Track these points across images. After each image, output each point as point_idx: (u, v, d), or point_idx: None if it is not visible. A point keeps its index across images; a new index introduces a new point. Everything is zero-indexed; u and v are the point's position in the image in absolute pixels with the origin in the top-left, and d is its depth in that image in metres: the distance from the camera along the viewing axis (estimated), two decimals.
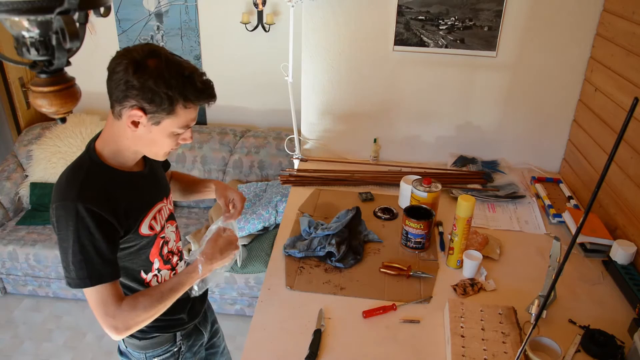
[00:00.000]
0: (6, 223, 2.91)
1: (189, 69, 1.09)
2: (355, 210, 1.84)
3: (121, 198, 1.15)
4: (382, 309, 1.50)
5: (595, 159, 2.04)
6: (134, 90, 1.04)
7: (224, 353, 1.72)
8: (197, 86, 1.08)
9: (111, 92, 1.08)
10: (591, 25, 2.08)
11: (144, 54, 1.05)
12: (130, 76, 1.03)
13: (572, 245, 0.95)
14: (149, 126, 1.10)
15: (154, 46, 1.08)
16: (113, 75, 1.06)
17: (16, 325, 2.74)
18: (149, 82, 1.03)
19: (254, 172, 3.01)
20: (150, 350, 1.36)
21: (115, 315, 1.12)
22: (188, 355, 1.45)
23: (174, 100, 1.06)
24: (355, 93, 2.33)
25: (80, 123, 3.10)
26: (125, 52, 1.06)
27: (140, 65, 1.04)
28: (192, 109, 1.12)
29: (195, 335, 1.47)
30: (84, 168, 1.13)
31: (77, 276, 1.10)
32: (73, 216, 1.07)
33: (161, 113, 1.08)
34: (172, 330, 1.38)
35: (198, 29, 3.02)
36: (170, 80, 1.05)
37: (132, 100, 1.05)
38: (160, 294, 1.19)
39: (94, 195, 1.09)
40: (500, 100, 2.28)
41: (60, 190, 1.10)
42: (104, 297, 1.12)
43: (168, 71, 1.05)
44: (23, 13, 0.71)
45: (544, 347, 1.34)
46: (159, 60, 1.05)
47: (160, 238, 1.29)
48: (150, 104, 1.06)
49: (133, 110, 1.06)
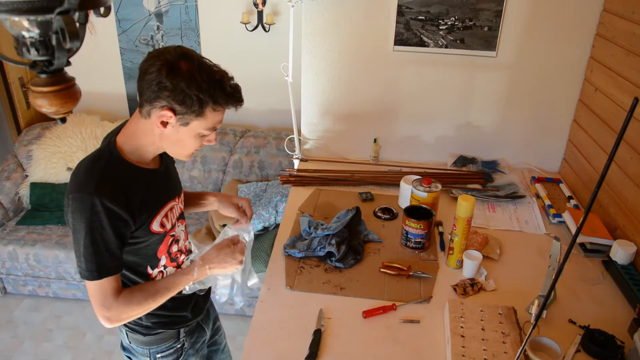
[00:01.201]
0: (6, 223, 2.91)
1: (220, 73, 1.13)
2: (355, 210, 1.84)
3: (137, 193, 1.17)
4: (382, 309, 1.50)
5: (595, 159, 2.04)
6: (166, 91, 1.07)
7: (225, 350, 1.73)
8: (227, 90, 1.12)
9: (142, 91, 1.10)
10: (591, 25, 2.08)
11: (177, 56, 1.08)
12: (163, 77, 1.06)
13: (572, 245, 0.95)
14: (177, 127, 1.13)
15: (186, 49, 1.12)
16: (145, 75, 1.08)
17: (16, 325, 2.74)
18: (182, 84, 1.06)
19: (254, 172, 3.01)
20: (154, 346, 1.38)
21: (110, 308, 1.17)
22: (191, 352, 1.46)
23: (204, 102, 1.10)
24: (355, 93, 2.33)
25: (80, 123, 3.10)
26: (158, 53, 1.09)
27: (174, 67, 1.07)
28: (220, 111, 1.15)
29: (198, 332, 1.49)
30: (103, 161, 1.15)
31: (86, 268, 1.13)
32: (89, 209, 1.09)
33: (190, 115, 1.11)
34: (176, 327, 1.40)
35: (198, 29, 3.02)
36: (202, 84, 1.08)
37: (162, 101, 1.08)
38: (155, 291, 1.23)
39: (110, 190, 1.11)
40: (500, 100, 2.28)
41: (79, 182, 1.12)
42: (104, 289, 1.16)
43: (200, 74, 1.08)
44: (23, 13, 0.71)
45: (544, 347, 1.34)
46: (192, 63, 1.08)
47: (170, 236, 1.31)
48: (181, 105, 1.09)
49: (163, 111, 1.09)
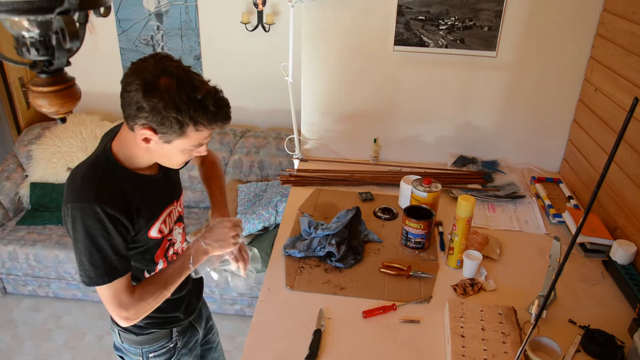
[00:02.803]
0: (6, 223, 2.91)
1: (202, 90, 1.06)
2: (355, 210, 1.84)
3: (135, 200, 1.15)
4: (382, 309, 1.50)
5: (595, 159, 2.04)
6: (144, 112, 1.03)
7: (218, 349, 1.73)
8: (209, 110, 1.06)
9: (123, 107, 1.08)
10: (591, 25, 2.08)
11: (157, 73, 1.03)
12: (140, 98, 1.02)
13: (572, 245, 0.95)
14: (160, 144, 1.10)
15: (167, 62, 1.05)
16: (124, 93, 1.05)
17: (16, 325, 2.74)
18: (159, 105, 1.02)
19: (254, 172, 3.01)
20: (147, 346, 1.38)
21: (128, 307, 1.16)
22: (184, 352, 1.46)
23: (184, 124, 1.06)
24: (355, 93, 2.33)
25: (80, 123, 3.10)
26: (137, 69, 1.05)
27: (151, 86, 1.02)
28: (204, 131, 1.10)
29: (190, 331, 1.48)
30: (101, 168, 1.14)
31: (95, 274, 1.12)
32: (90, 218, 1.08)
33: (172, 134, 1.07)
34: (169, 327, 1.39)
35: (198, 29, 3.02)
36: (181, 105, 1.03)
37: (142, 120, 1.05)
38: (164, 280, 1.22)
39: (110, 197, 1.10)
40: (500, 100, 2.28)
41: (76, 190, 1.10)
42: (117, 291, 1.15)
43: (179, 94, 1.03)
44: (23, 13, 0.71)
45: (544, 347, 1.34)
46: (171, 81, 1.03)
47: (167, 240, 1.30)
48: (160, 126, 1.05)
49: (144, 129, 1.06)
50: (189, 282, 1.46)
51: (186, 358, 1.48)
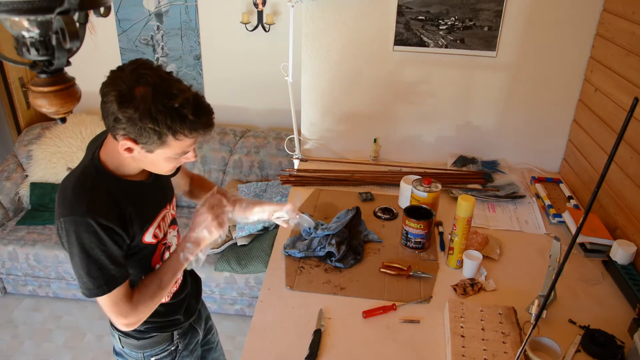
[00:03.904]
0: (6, 223, 2.91)
1: (180, 98, 1.01)
2: (355, 210, 1.84)
3: (127, 207, 1.14)
4: (382, 309, 1.50)
5: (595, 159, 2.04)
6: (121, 124, 1.01)
7: (218, 349, 1.73)
8: (188, 118, 1.02)
9: (103, 118, 1.05)
10: (591, 25, 2.08)
11: (132, 83, 0.99)
12: (116, 109, 0.99)
13: (572, 245, 0.95)
14: (144, 153, 1.08)
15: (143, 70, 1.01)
16: (102, 104, 1.03)
17: (16, 325, 2.74)
18: (134, 116, 0.99)
19: (254, 172, 3.01)
20: (148, 350, 1.37)
21: (128, 314, 1.16)
22: (185, 354, 1.46)
23: (162, 134, 1.02)
24: (355, 93, 2.33)
25: (80, 123, 3.10)
26: (113, 80, 1.02)
27: (126, 97, 0.99)
28: (184, 139, 1.06)
29: (191, 333, 1.48)
30: (90, 179, 1.12)
31: (94, 286, 1.11)
32: (84, 231, 1.06)
33: (152, 144, 1.05)
34: (169, 330, 1.39)
35: (198, 29, 3.02)
36: (157, 115, 0.99)
37: (121, 131, 1.03)
38: (159, 280, 1.22)
39: (102, 208, 1.08)
40: (500, 100, 2.28)
41: (68, 204, 1.08)
42: (116, 299, 1.14)
43: (155, 103, 0.99)
44: (23, 13, 0.71)
45: (544, 347, 1.34)
46: (146, 90, 0.99)
47: (163, 244, 1.30)
48: (139, 137, 1.03)
49: (125, 140, 1.04)
50: (187, 285, 1.46)
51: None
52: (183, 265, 1.25)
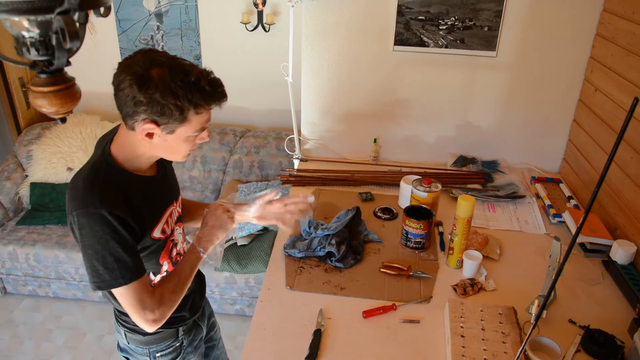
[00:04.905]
0: (6, 223, 2.91)
1: (194, 72, 1.06)
2: (355, 210, 1.84)
3: (138, 201, 1.15)
4: (382, 309, 1.50)
5: (595, 159, 2.04)
6: (142, 106, 1.03)
7: (220, 346, 1.73)
8: (205, 90, 1.07)
9: (120, 107, 1.07)
10: (591, 25, 2.08)
11: (146, 66, 1.03)
12: (136, 92, 1.02)
13: (572, 245, 0.95)
14: (164, 135, 1.10)
15: (154, 54, 1.06)
16: (119, 92, 1.05)
17: (16, 325, 2.74)
18: (156, 95, 1.02)
19: (254, 172, 3.01)
20: (154, 346, 1.38)
21: (153, 308, 1.16)
22: (189, 350, 1.47)
23: (184, 109, 1.06)
24: (355, 93, 2.33)
25: (80, 123, 3.10)
26: (126, 66, 1.04)
27: (144, 78, 1.02)
28: (204, 113, 1.11)
29: (195, 330, 1.49)
30: (102, 172, 1.13)
31: (111, 277, 1.11)
32: (98, 222, 1.07)
33: (174, 123, 1.07)
34: (175, 326, 1.40)
35: (198, 29, 3.02)
36: (177, 90, 1.03)
37: (142, 115, 1.05)
38: (179, 276, 1.24)
39: (115, 200, 1.10)
40: (500, 100, 2.28)
41: (80, 197, 1.09)
42: (139, 292, 1.14)
43: (173, 80, 1.03)
44: (23, 13, 0.71)
45: (544, 347, 1.34)
46: (162, 70, 1.03)
47: (170, 241, 1.31)
48: (161, 117, 1.05)
49: (146, 124, 1.06)
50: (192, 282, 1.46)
51: (191, 357, 1.48)
52: (201, 258, 1.28)
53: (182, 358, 1.44)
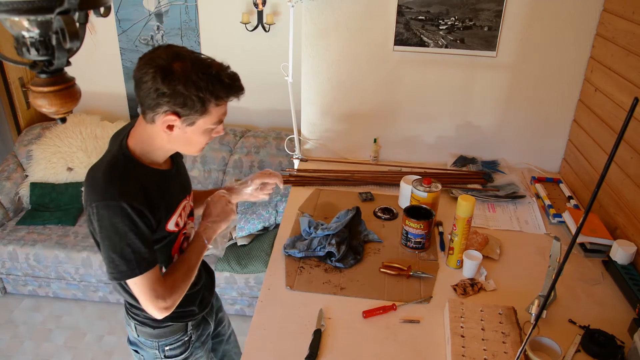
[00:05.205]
0: (6, 223, 2.91)
1: (215, 66, 1.11)
2: (355, 210, 1.84)
3: (154, 194, 1.19)
4: (382, 309, 1.50)
5: (595, 159, 2.04)
6: (165, 97, 1.06)
7: (230, 340, 1.74)
8: (225, 82, 1.11)
9: (141, 100, 1.10)
10: (591, 25, 2.08)
11: (169, 59, 1.07)
12: (159, 84, 1.05)
13: (572, 245, 0.95)
14: (184, 127, 1.13)
15: (176, 48, 1.10)
16: (141, 84, 1.08)
17: (16, 325, 2.74)
18: (179, 87, 1.06)
19: (254, 172, 3.00)
20: (163, 339, 1.40)
21: (165, 296, 1.20)
22: (197, 345, 1.48)
23: (206, 100, 1.09)
24: (355, 93, 2.33)
25: (80, 123, 3.10)
26: (149, 59, 1.08)
27: (167, 71, 1.05)
28: (223, 105, 1.15)
29: (203, 325, 1.51)
30: (120, 166, 1.16)
31: (127, 268, 1.14)
32: (118, 214, 1.11)
33: (195, 114, 1.11)
34: (184, 320, 1.42)
35: (198, 29, 3.02)
36: (199, 82, 1.07)
37: (164, 107, 1.08)
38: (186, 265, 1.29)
39: (134, 192, 1.13)
40: (500, 100, 2.28)
41: (100, 190, 1.12)
42: (151, 281, 1.18)
43: (195, 73, 1.07)
44: (23, 13, 0.71)
45: (544, 347, 1.34)
46: (185, 63, 1.07)
47: (182, 234, 1.34)
48: (183, 108, 1.09)
49: (167, 116, 1.09)
50: (202, 277, 1.49)
51: (199, 351, 1.50)
52: (206, 247, 1.33)
53: (190, 353, 1.46)
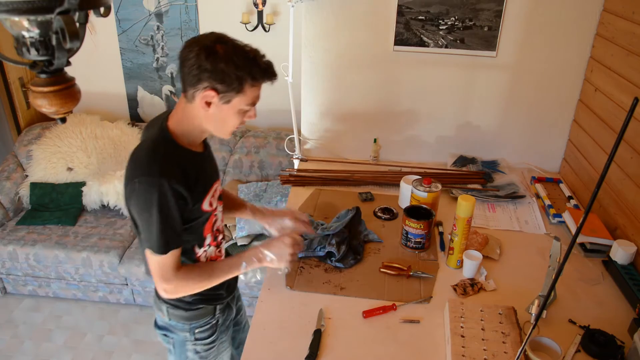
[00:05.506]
0: (6, 223, 2.91)
1: (253, 51, 1.21)
2: (355, 210, 1.84)
3: (192, 174, 1.26)
4: (382, 309, 1.50)
5: (595, 159, 2.04)
6: (206, 72, 1.15)
7: (245, 329, 1.76)
8: (262, 66, 1.21)
9: (184, 77, 1.19)
10: (591, 25, 2.08)
11: (213, 41, 1.17)
12: (202, 61, 1.15)
13: (572, 245, 0.95)
14: (220, 105, 1.20)
15: (220, 34, 1.21)
16: (186, 62, 1.17)
17: (16, 325, 2.74)
18: (220, 64, 1.15)
19: (254, 172, 3.01)
20: (195, 322, 1.44)
21: (169, 281, 1.27)
22: (222, 329, 1.52)
23: (243, 79, 1.17)
24: (355, 93, 2.33)
25: (80, 123, 3.10)
26: (194, 41, 1.18)
27: (211, 50, 1.15)
28: (257, 87, 1.23)
29: (227, 310, 1.54)
30: (162, 147, 1.23)
31: (158, 244, 1.21)
32: (156, 191, 1.17)
33: (231, 92, 1.19)
34: (213, 303, 1.46)
35: (198, 29, 3.02)
36: (238, 62, 1.16)
37: (205, 82, 1.16)
38: (211, 271, 1.34)
39: (173, 171, 1.20)
40: (500, 100, 2.28)
41: (142, 166, 1.20)
42: (166, 263, 1.25)
43: (235, 54, 1.17)
44: (23, 13, 0.71)
45: (544, 347, 1.34)
46: (227, 46, 1.17)
47: (214, 215, 1.39)
48: (222, 84, 1.17)
49: (206, 91, 1.17)
50: None
51: (223, 336, 1.53)
52: (240, 271, 1.38)
53: (216, 336, 1.50)
